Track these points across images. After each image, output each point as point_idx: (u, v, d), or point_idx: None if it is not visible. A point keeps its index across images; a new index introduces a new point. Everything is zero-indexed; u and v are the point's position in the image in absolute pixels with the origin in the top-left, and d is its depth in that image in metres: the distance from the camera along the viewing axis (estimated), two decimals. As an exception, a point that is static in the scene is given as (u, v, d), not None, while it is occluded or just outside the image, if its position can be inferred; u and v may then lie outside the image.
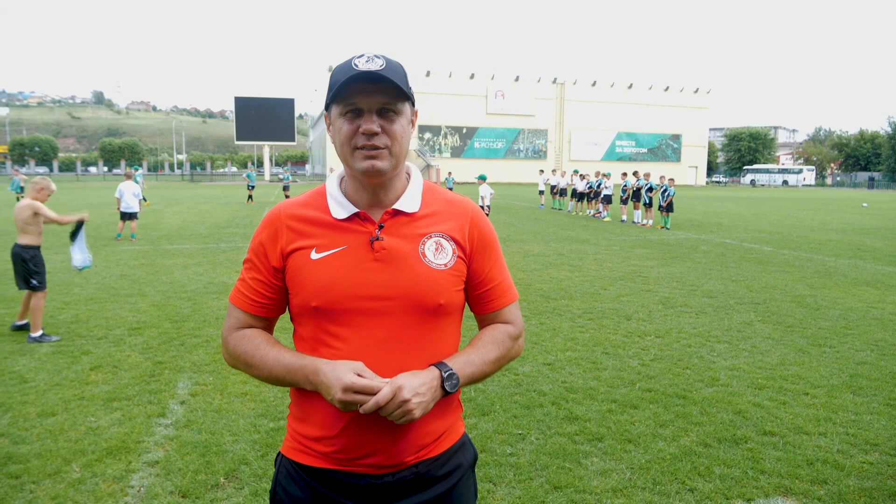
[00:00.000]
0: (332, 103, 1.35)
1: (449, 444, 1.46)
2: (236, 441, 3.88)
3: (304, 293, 1.37)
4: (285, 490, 1.43)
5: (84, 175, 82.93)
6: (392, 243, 1.37)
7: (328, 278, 1.35)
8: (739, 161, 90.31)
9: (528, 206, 28.93)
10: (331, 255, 1.36)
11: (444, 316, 1.39)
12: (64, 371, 5.16)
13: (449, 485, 1.44)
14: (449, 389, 1.33)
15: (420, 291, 1.35)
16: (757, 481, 3.49)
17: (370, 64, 1.30)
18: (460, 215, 1.45)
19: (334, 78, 1.33)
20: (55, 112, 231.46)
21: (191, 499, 3.22)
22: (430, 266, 1.37)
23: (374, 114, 1.32)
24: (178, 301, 7.85)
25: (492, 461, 3.66)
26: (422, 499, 1.40)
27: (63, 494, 3.24)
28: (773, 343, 6.27)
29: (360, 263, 1.35)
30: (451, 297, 1.40)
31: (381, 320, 1.34)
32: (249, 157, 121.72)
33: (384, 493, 1.38)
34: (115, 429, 4.05)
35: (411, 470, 1.39)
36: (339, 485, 1.38)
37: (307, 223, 1.40)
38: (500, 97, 69.02)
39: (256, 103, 69.70)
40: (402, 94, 1.32)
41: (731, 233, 17.53)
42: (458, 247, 1.42)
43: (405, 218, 1.40)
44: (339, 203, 1.40)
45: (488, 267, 1.46)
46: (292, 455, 1.44)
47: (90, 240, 14.27)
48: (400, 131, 1.35)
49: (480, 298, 1.47)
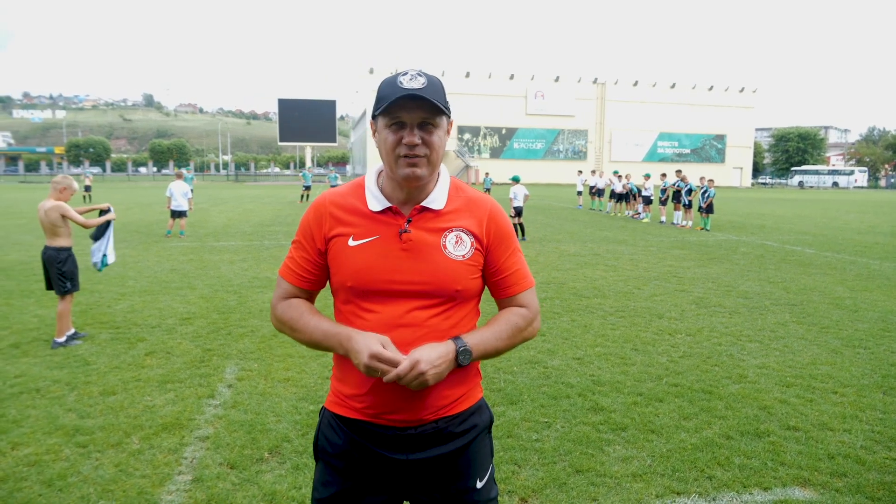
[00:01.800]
0: (378, 115, 1.56)
1: (466, 405, 1.67)
2: (279, 421, 4.16)
3: (342, 274, 1.60)
4: (326, 437, 1.68)
5: (135, 175, 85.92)
6: (418, 236, 1.58)
7: (362, 263, 1.57)
8: (787, 162, 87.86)
9: (566, 206, 28.87)
10: (365, 244, 1.58)
11: (460, 301, 1.61)
12: (122, 356, 5.55)
13: (466, 440, 1.65)
14: (462, 362, 1.54)
15: (440, 279, 1.56)
16: (776, 472, 3.59)
17: (413, 82, 1.51)
18: (480, 212, 1.65)
19: (382, 92, 1.54)
20: (108, 114, 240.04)
21: (238, 470, 3.50)
22: (449, 257, 1.58)
23: (415, 127, 1.53)
24: (225, 294, 8.26)
25: (517, 445, 3.85)
26: (441, 451, 1.62)
27: (125, 462, 3.57)
28: (806, 343, 6.28)
29: (390, 252, 1.57)
30: (468, 285, 1.61)
31: (405, 301, 1.56)
32: (292, 158, 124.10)
33: (409, 444, 1.60)
34: (170, 407, 4.38)
35: (431, 425, 1.61)
36: (370, 434, 1.61)
37: (347, 212, 1.63)
38: (540, 97, 68.79)
39: (299, 105, 71.16)
40: (439, 110, 1.53)
41: (773, 235, 17.23)
42: (475, 240, 1.62)
43: (431, 214, 1.61)
44: (376, 197, 1.62)
45: (504, 258, 1.66)
46: (333, 408, 1.68)
47: (141, 236, 14.98)
48: (437, 142, 1.56)
49: (498, 285, 1.68)
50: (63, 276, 5.85)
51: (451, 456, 1.63)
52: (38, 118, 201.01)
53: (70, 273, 5.90)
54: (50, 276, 5.90)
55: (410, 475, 1.62)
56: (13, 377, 4.96)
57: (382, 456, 1.60)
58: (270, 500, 3.20)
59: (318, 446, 1.70)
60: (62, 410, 4.31)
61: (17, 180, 67.74)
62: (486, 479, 1.70)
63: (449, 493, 1.64)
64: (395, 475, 1.62)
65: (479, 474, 1.68)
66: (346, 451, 1.63)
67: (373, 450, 1.61)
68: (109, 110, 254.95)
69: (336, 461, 1.65)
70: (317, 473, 1.71)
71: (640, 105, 70.94)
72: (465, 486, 1.65)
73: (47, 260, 5.87)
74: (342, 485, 1.63)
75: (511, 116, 68.36)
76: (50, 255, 5.85)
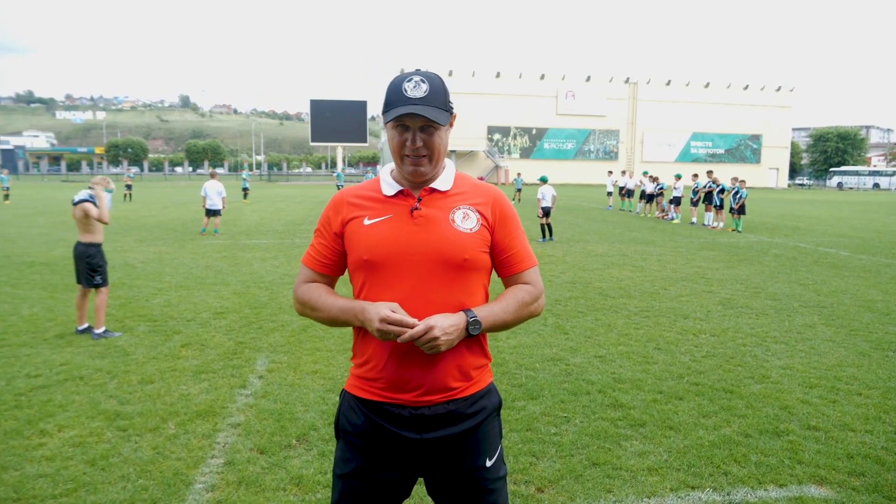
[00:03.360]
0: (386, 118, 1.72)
1: (476, 389, 1.79)
2: (307, 411, 4.33)
3: (359, 250, 1.74)
4: (346, 418, 1.81)
5: (171, 175, 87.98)
6: (428, 212, 1.73)
7: (377, 238, 1.71)
8: (826, 163, 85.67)
9: (596, 207, 28.72)
10: (380, 222, 1.73)
11: (469, 271, 1.73)
12: (159, 347, 5.81)
13: (476, 422, 1.78)
14: (472, 332, 1.67)
15: (448, 248, 1.70)
16: (792, 470, 3.62)
17: (416, 90, 1.66)
18: (485, 195, 1.80)
19: (388, 97, 1.70)
20: (146, 115, 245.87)
21: (267, 455, 3.68)
22: (457, 229, 1.72)
23: (417, 130, 1.68)
24: (257, 290, 8.51)
25: (536, 438, 3.95)
26: (452, 431, 1.74)
27: (162, 446, 3.78)
28: (833, 345, 6.23)
29: (402, 227, 1.71)
30: (475, 255, 1.73)
31: (417, 271, 1.69)
32: (323, 158, 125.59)
33: (423, 423, 1.73)
34: (203, 396, 4.59)
35: (443, 406, 1.73)
36: (386, 414, 1.74)
37: (363, 199, 1.79)
38: (571, 97, 68.36)
39: (330, 106, 71.88)
40: (440, 114, 1.67)
41: (807, 237, 16.93)
42: (482, 217, 1.76)
43: (439, 194, 1.76)
44: (389, 183, 1.79)
45: (509, 238, 1.79)
46: (352, 390, 1.82)
47: (177, 234, 15.43)
48: (438, 142, 1.71)
49: (503, 263, 1.81)
50: (92, 270, 6.10)
51: (461, 436, 1.75)
52: (80, 119, 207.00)
53: (98, 267, 6.14)
54: (78, 269, 6.17)
55: (423, 453, 1.75)
56: (58, 365, 5.24)
57: (398, 435, 1.73)
58: (298, 483, 3.36)
59: (339, 426, 1.84)
60: (104, 397, 4.55)
61: (59, 179, 69.98)
62: (494, 458, 1.81)
63: (460, 471, 1.76)
64: (409, 453, 1.75)
65: (488, 454, 1.79)
66: (364, 430, 1.76)
67: (389, 429, 1.73)
68: (147, 111, 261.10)
69: (355, 440, 1.78)
70: (338, 451, 1.84)
71: (673, 105, 69.98)
72: (475, 464, 1.77)
73: (78, 255, 6.15)
74: (361, 461, 1.76)
75: (541, 116, 68.06)
76: (80, 251, 6.12)
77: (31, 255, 11.61)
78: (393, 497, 1.79)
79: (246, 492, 3.27)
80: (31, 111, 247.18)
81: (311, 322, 6.75)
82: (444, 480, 1.78)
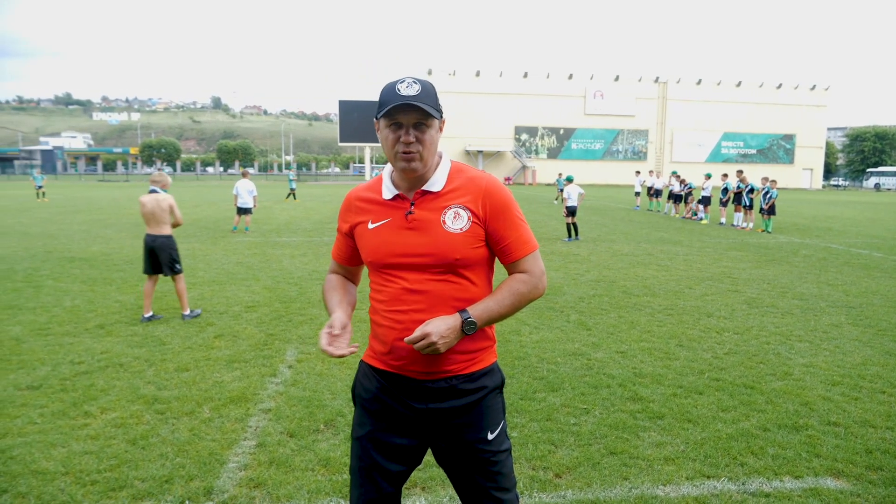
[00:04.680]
0: (380, 117, 1.84)
1: (478, 367, 1.93)
2: (334, 398, 4.50)
3: (365, 252, 1.94)
4: (362, 384, 1.99)
5: (203, 175, 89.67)
6: (421, 215, 1.85)
7: (377, 242, 1.89)
8: (862, 163, 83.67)
9: (623, 207, 28.54)
10: (380, 226, 1.90)
11: (462, 268, 1.86)
12: (193, 338, 6.04)
13: (477, 397, 1.92)
14: (468, 331, 1.81)
15: (440, 250, 1.83)
16: (809, 462, 3.67)
17: (409, 90, 1.78)
18: (476, 190, 1.88)
19: (383, 98, 1.82)
20: (178, 116, 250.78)
21: (296, 438, 3.85)
22: (448, 231, 1.83)
23: (410, 127, 1.80)
24: (287, 285, 8.75)
25: (555, 428, 4.05)
26: (456, 404, 1.89)
27: (197, 428, 3.98)
28: (859, 345, 6.20)
29: (399, 231, 1.86)
30: (467, 254, 1.84)
31: (415, 272, 1.85)
32: (351, 158, 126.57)
33: (427, 394, 1.89)
34: (236, 383, 4.80)
35: (446, 381, 1.88)
36: (396, 383, 1.91)
37: (367, 202, 1.96)
38: (599, 97, 67.90)
39: (359, 106, 72.44)
40: (431, 113, 1.80)
41: (840, 237, 16.64)
42: (472, 214, 1.85)
43: (431, 195, 1.88)
44: (388, 188, 1.93)
45: (503, 228, 1.88)
46: (367, 360, 2.01)
47: (209, 232, 15.81)
48: (429, 139, 1.83)
49: (500, 253, 1.93)
50: (174, 259, 6.73)
51: (463, 409, 1.90)
52: (115, 120, 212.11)
53: (178, 255, 6.82)
54: (160, 260, 6.67)
55: (429, 423, 1.90)
56: (99, 353, 5.51)
57: (406, 403, 1.90)
58: (325, 464, 3.53)
59: (356, 392, 2.02)
60: (142, 382, 4.78)
61: (96, 179, 71.90)
62: (496, 432, 1.95)
63: (462, 442, 1.91)
64: (415, 422, 1.91)
65: (490, 427, 1.93)
66: (377, 396, 1.94)
67: (399, 396, 1.91)
68: (180, 112, 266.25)
69: (370, 405, 1.95)
70: (355, 416, 2.02)
71: (704, 104, 69.03)
72: (477, 436, 1.91)
73: (159, 247, 6.64)
74: (374, 425, 1.93)
75: (569, 116, 67.75)
76: (161, 243, 6.65)
77: (71, 251, 12.06)
78: (404, 462, 1.94)
79: (276, 471, 3.44)
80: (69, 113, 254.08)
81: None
82: (448, 450, 1.93)
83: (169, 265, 6.68)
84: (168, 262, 6.68)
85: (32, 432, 3.88)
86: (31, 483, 3.28)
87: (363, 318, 6.87)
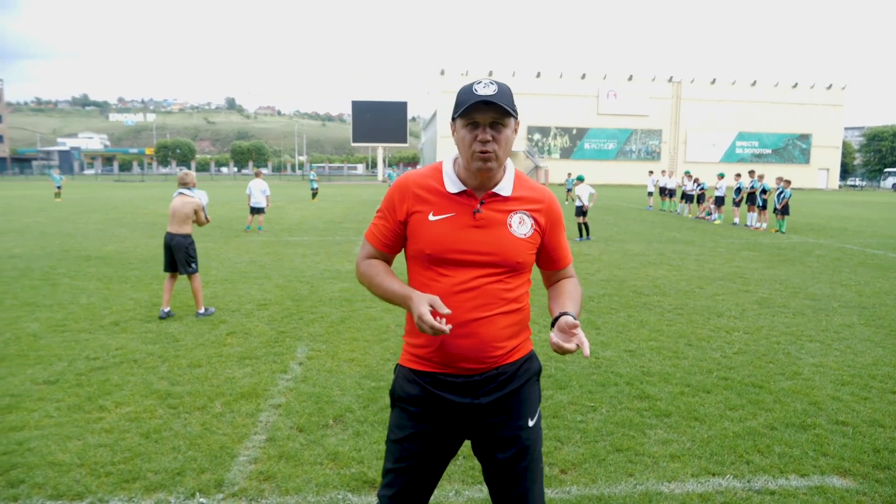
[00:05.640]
0: (458, 117, 1.85)
1: (521, 355, 1.98)
2: (343, 395, 4.56)
3: (422, 243, 1.89)
4: (403, 388, 1.98)
5: (217, 175, 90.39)
6: (488, 215, 1.87)
7: (440, 234, 1.87)
8: (880, 163, 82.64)
9: (636, 207, 28.43)
10: (444, 219, 1.88)
11: (518, 271, 1.92)
12: (206, 335, 6.13)
13: (520, 383, 1.96)
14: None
15: (505, 252, 1.87)
16: (816, 461, 3.67)
17: (486, 90, 1.79)
18: (540, 200, 1.97)
19: (460, 98, 1.83)
20: (193, 117, 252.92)
21: (305, 433, 3.91)
22: (514, 234, 1.89)
23: (487, 126, 1.81)
24: (298, 284, 8.84)
25: (562, 425, 4.08)
26: (501, 392, 1.92)
27: (209, 423, 4.05)
28: (871, 345, 6.16)
29: (464, 227, 1.86)
30: (526, 259, 1.92)
31: (473, 269, 1.86)
32: (364, 159, 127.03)
33: (475, 388, 1.90)
34: (247, 380, 4.87)
35: (494, 371, 1.91)
36: (441, 383, 1.92)
37: (428, 191, 1.91)
38: (612, 97, 67.63)
39: (371, 107, 72.77)
40: (508, 112, 1.82)
41: (855, 238, 16.48)
42: (536, 223, 1.93)
43: (500, 198, 1.91)
44: (452, 181, 1.91)
45: (556, 239, 2.02)
46: (407, 364, 2.00)
47: (223, 231, 15.97)
48: (505, 139, 1.84)
49: (551, 259, 2.03)
50: (191, 258, 6.83)
51: (508, 396, 1.93)
52: (131, 121, 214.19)
53: (195, 255, 6.92)
54: (177, 258, 6.79)
55: (475, 416, 1.92)
56: (114, 349, 5.61)
57: (451, 402, 1.91)
58: (334, 458, 3.58)
59: (395, 395, 2.01)
60: (156, 378, 4.87)
61: (112, 179, 72.72)
62: (535, 419, 2.00)
63: (506, 430, 1.93)
64: (462, 417, 1.92)
65: (530, 414, 1.98)
66: (420, 398, 1.93)
67: (444, 397, 1.91)
68: (195, 113, 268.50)
69: (412, 407, 1.95)
70: (393, 418, 2.01)
71: (718, 104, 68.54)
72: (518, 423, 1.95)
73: (177, 245, 6.77)
74: (416, 427, 1.94)
75: (582, 116, 67.54)
76: (179, 241, 6.78)
77: (86, 249, 12.24)
78: (443, 458, 1.97)
79: (286, 465, 3.50)
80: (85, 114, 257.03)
81: (348, 314, 7.01)
82: (491, 440, 1.94)
83: (184, 263, 6.80)
84: (184, 260, 6.79)
85: (49, 425, 3.97)
86: (47, 474, 3.36)
87: (373, 316, 6.93)
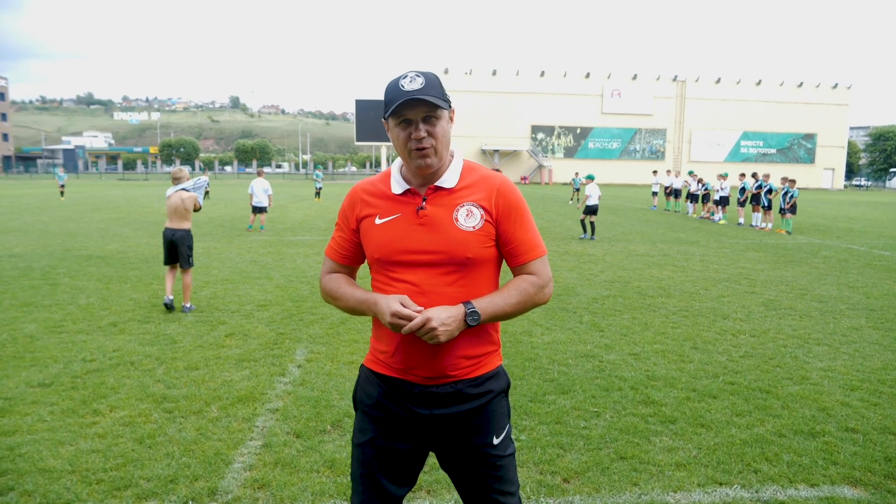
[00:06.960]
0: (389, 116, 1.79)
1: (484, 371, 1.87)
2: (342, 399, 4.48)
3: (371, 248, 1.86)
4: (364, 390, 1.93)
5: (221, 173, 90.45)
6: (433, 211, 1.79)
7: (386, 238, 1.81)
8: (885, 163, 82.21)
9: (640, 207, 28.28)
10: (389, 221, 1.82)
11: (472, 267, 1.80)
12: (204, 336, 6.06)
13: (483, 401, 1.86)
14: (470, 323, 1.73)
15: (452, 248, 1.77)
16: (826, 470, 3.57)
17: (413, 84, 1.72)
18: (489, 188, 1.83)
19: (388, 96, 1.76)
20: (198, 116, 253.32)
21: (303, 439, 3.83)
22: (460, 228, 1.78)
23: (419, 122, 1.75)
24: (299, 284, 8.76)
25: (565, 431, 3.99)
26: (461, 409, 1.83)
27: (205, 427, 3.97)
28: (880, 348, 6.05)
29: (409, 227, 1.80)
30: (478, 253, 1.79)
31: (424, 270, 1.78)
32: (368, 158, 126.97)
33: (432, 400, 1.82)
34: (245, 383, 4.79)
35: (451, 385, 1.82)
36: (399, 389, 1.84)
37: (374, 196, 1.88)
38: (617, 96, 67.40)
39: (375, 105, 72.49)
40: (439, 105, 1.73)
41: (861, 238, 16.33)
42: (485, 213, 1.80)
43: (444, 192, 1.81)
44: (398, 182, 1.86)
45: (513, 229, 1.83)
46: (370, 365, 1.94)
47: (224, 230, 15.91)
48: (441, 132, 1.76)
49: (509, 254, 1.86)
50: (191, 252, 7.14)
51: (468, 413, 1.84)
52: (136, 120, 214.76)
53: (192, 249, 7.21)
54: (179, 252, 7.07)
55: (432, 429, 1.84)
56: (111, 351, 5.54)
57: (410, 409, 1.83)
58: (331, 465, 3.50)
59: (357, 398, 1.96)
60: (152, 381, 4.80)
61: (116, 178, 72.81)
62: (502, 436, 1.89)
63: (468, 447, 1.85)
64: (419, 427, 1.85)
65: (495, 432, 1.88)
66: (379, 402, 1.87)
67: (402, 402, 1.84)
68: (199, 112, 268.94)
69: (371, 410, 1.89)
70: (356, 422, 1.96)
71: (723, 103, 68.23)
72: (483, 441, 1.86)
73: (179, 239, 7.04)
74: (376, 431, 1.87)
75: (586, 116, 67.32)
76: (182, 236, 7.06)
77: (88, 249, 12.19)
78: (406, 468, 1.89)
79: (282, 472, 3.42)
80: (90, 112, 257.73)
81: (348, 315, 6.92)
82: (453, 456, 1.88)
83: (186, 257, 7.07)
84: (186, 254, 7.07)
85: (41, 430, 3.90)
86: (37, 481, 3.29)
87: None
